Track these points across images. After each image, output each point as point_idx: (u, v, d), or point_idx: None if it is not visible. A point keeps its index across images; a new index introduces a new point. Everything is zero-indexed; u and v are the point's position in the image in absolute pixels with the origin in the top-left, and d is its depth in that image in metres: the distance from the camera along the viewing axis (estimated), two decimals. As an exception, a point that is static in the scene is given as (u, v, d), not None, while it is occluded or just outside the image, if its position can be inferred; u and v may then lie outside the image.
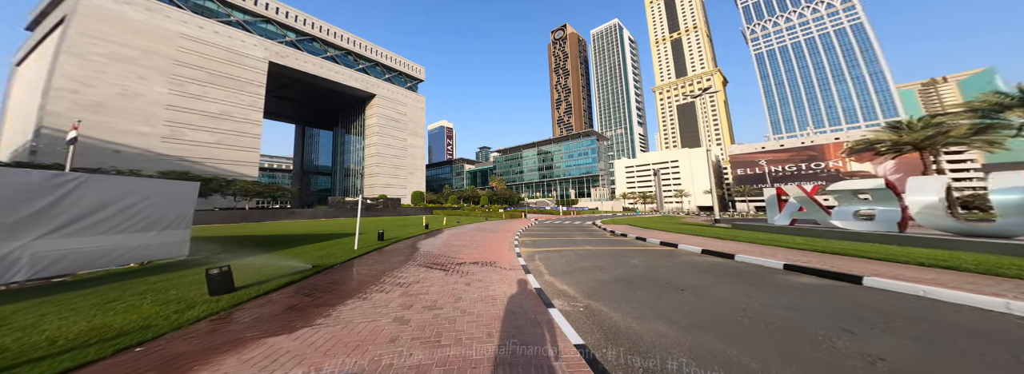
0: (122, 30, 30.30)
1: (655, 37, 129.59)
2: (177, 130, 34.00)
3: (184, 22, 34.69)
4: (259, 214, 18.29)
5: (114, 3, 29.80)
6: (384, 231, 10.88)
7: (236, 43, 39.26)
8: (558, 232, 12.70)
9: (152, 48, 32.31)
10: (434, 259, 6.09)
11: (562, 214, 37.86)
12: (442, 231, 12.93)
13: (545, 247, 8.05)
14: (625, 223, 16.96)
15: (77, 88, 28.00)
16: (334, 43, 51.19)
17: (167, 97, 33.32)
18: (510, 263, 5.67)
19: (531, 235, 11.33)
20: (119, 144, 29.93)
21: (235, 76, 39.13)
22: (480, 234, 11.60)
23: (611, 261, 5.87)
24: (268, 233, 11.90)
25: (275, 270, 4.67)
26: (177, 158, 33.29)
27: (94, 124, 28.81)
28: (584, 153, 78.60)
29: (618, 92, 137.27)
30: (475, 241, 9.30)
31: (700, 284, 4.05)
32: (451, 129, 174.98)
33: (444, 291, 3.73)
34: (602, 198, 74.04)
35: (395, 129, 59.61)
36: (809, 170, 60.79)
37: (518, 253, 6.85)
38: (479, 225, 17.26)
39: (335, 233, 11.15)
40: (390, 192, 54.88)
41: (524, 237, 10.64)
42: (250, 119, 40.31)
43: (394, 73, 61.63)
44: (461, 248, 7.72)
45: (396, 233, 11.38)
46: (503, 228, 14.77)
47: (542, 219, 25.26)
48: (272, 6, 43.46)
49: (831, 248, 5.88)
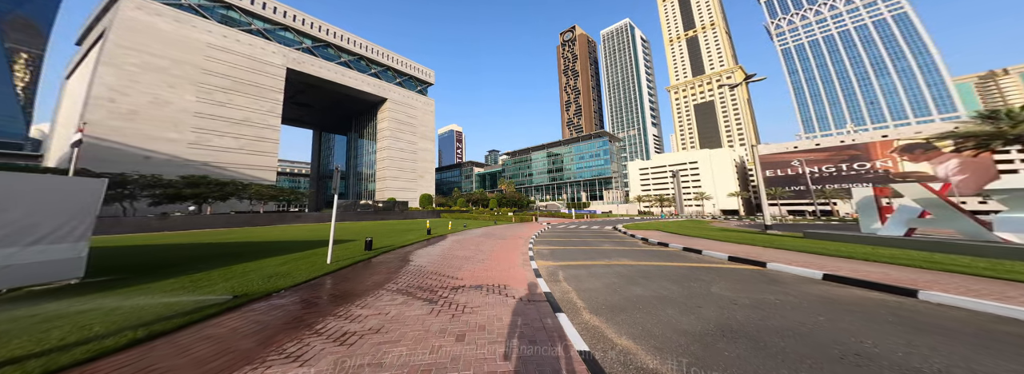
0: (154, 41, 32.05)
1: (669, 36, 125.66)
2: (203, 136, 35.49)
3: (209, 32, 36.38)
4: (267, 218, 18.40)
5: (147, 15, 31.59)
6: (376, 239, 9.77)
7: (257, 51, 40.82)
8: (577, 239, 11.08)
9: (181, 57, 34.00)
10: (423, 279, 4.57)
11: (574, 217, 36.37)
12: (445, 237, 11.56)
13: (568, 259, 6.48)
14: (653, 229, 14.97)
15: (114, 97, 29.71)
16: (347, 49, 52.47)
17: (194, 104, 34.90)
18: (526, 287, 4.08)
19: (547, 242, 9.80)
20: (150, 150, 31.47)
21: (256, 83, 40.62)
22: (487, 241, 10.08)
23: (677, 288, 4.06)
24: (248, 240, 10.93)
25: (160, 310, 2.99)
26: (201, 163, 34.67)
27: (128, 131, 30.45)
28: (596, 155, 76.53)
29: (630, 93, 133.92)
30: (481, 250, 7.82)
31: (917, 354, 2.11)
32: (460, 133, 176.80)
33: (415, 355, 2.15)
34: (615, 201, 71.55)
35: (406, 132, 60.25)
36: (852, 171, 54.83)
37: (535, 270, 5.27)
38: (487, 230, 15.71)
39: (324, 240, 10.02)
40: (400, 195, 55.23)
41: (539, 245, 9.09)
42: (269, 125, 41.66)
43: (405, 77, 62.51)
44: (463, 262, 6.17)
45: (392, 240, 10.07)
46: (513, 233, 13.29)
47: (554, 223, 23.74)
48: (289, 14, 45.07)
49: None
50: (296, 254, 6.78)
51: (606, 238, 11.52)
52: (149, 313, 2.93)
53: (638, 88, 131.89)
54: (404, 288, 4.09)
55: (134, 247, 8.75)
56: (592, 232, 14.65)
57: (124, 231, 13.88)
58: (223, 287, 3.94)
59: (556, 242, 10.12)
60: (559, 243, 9.83)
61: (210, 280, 4.34)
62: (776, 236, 10.19)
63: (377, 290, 3.99)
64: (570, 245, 9.31)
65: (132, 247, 8.76)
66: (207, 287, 3.95)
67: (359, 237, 10.63)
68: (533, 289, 4.03)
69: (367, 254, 6.79)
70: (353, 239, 10.16)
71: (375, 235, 11.63)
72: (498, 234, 13.07)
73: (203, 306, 3.15)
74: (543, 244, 9.53)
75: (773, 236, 10.20)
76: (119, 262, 6.08)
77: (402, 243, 9.10)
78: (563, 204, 73.37)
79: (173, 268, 5.23)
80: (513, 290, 3.97)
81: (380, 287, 4.14)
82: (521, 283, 4.35)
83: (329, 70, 49.08)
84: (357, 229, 15.65)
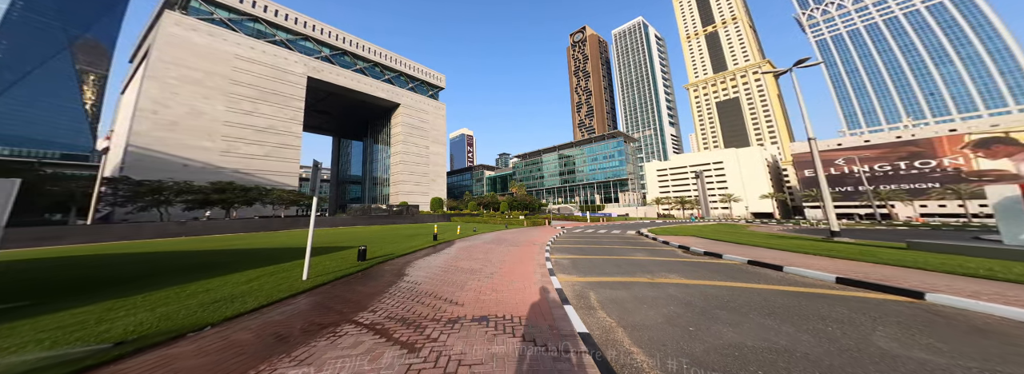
0: (190, 54, 34.46)
1: (686, 32, 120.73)
2: (232, 144, 37.61)
3: (238, 44, 38.71)
4: (282, 222, 18.79)
5: (184, 30, 34.04)
6: (378, 245, 8.91)
7: (280, 61, 42.97)
8: (600, 245, 9.63)
9: (213, 69, 36.33)
10: (412, 305, 3.51)
11: (590, 220, 34.73)
12: (452, 243, 10.52)
13: (598, 274, 5.25)
14: (687, 234, 12.99)
15: (157, 109, 32.12)
16: (362, 55, 54.23)
17: (225, 114, 37.11)
18: (550, 319, 2.92)
19: (566, 250, 8.54)
20: (188, 158, 33.69)
21: (280, 92, 42.70)
22: (498, 249, 8.94)
23: (801, 334, 2.63)
24: (245, 246, 10.42)
25: None
26: (232, 170, 36.67)
27: (169, 141, 32.77)
28: (610, 156, 74.06)
29: (645, 92, 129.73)
30: (490, 261, 6.68)
31: None
32: (471, 137, 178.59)
33: None
34: (632, 204, 68.63)
35: (418, 137, 61.20)
36: (913, 169, 48.28)
37: (558, 289, 4.10)
38: (498, 235, 14.54)
39: (324, 247, 9.35)
40: (413, 199, 55.92)
41: (558, 253, 7.86)
42: (291, 132, 43.58)
43: (417, 82, 63.71)
44: (467, 277, 5.06)
45: (395, 247, 9.14)
46: (526, 239, 12.12)
47: (569, 226, 22.16)
48: (309, 24, 47.24)
49: None
50: (276, 266, 5.95)
51: (635, 245, 9.94)
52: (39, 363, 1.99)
53: (653, 87, 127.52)
54: (380, 321, 2.99)
55: (108, 256, 8.35)
56: (615, 237, 13.13)
57: (146, 236, 13.81)
58: (135, 321, 2.93)
59: (577, 249, 8.81)
60: (581, 250, 8.53)
61: (135, 306, 3.40)
62: (856, 245, 8.21)
63: (341, 325, 2.89)
64: (595, 254, 7.95)
65: (106, 256, 8.37)
66: (114, 321, 2.94)
67: (360, 244, 9.75)
68: (560, 324, 2.82)
69: (358, 265, 5.85)
70: (351, 246, 9.37)
71: (378, 241, 10.93)
72: (510, 240, 11.92)
73: (94, 352, 2.15)
74: (562, 252, 8.28)
75: (852, 245, 8.22)
76: (62, 277, 5.26)
77: (403, 250, 8.21)
78: (576, 207, 71.42)
79: (116, 287, 4.42)
80: (533, 326, 2.77)
81: (348, 319, 3.06)
82: (543, 313, 3.15)
83: (346, 77, 50.85)
84: (362, 234, 15.02)
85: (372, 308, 3.44)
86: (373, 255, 7.20)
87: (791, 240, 10.14)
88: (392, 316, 3.16)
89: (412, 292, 4.09)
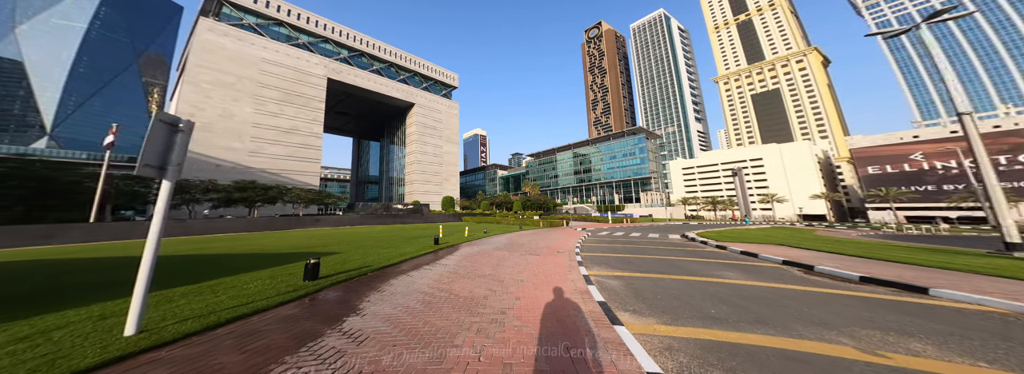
0: (222, 59, 36.59)
1: (714, 23, 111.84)
2: (259, 145, 39.51)
3: (264, 47, 40.66)
4: (285, 221, 18.49)
5: (216, 36, 36.21)
6: (364, 251, 7.46)
7: (302, 63, 44.68)
8: (647, 255, 6.98)
9: (243, 73, 38.37)
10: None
11: (611, 222, 31.97)
12: (456, 249, 8.62)
13: (696, 318, 2.78)
14: (765, 242, 9.43)
15: (193, 112, 34.37)
16: (379, 56, 55.27)
17: (252, 116, 39.08)
18: None
19: (606, 262, 6.13)
20: (220, 159, 35.77)
21: (302, 94, 44.40)
22: (512, 259, 6.87)
23: None
24: (209, 251, 9.22)
25: None
26: (259, 170, 38.48)
27: (204, 142, 34.92)
28: (630, 153, 69.62)
29: (667, 87, 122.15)
30: (500, 282, 4.63)
31: None
32: (485, 137, 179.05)
33: None
34: (655, 204, 63.78)
35: (432, 136, 61.38)
36: (1017, 165, 40.00)
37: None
38: (511, 238, 12.55)
39: (284, 254, 7.96)
40: (427, 199, 55.98)
41: (596, 267, 5.54)
42: (313, 132, 45.16)
43: (430, 82, 64.00)
44: (459, 319, 3.08)
45: (379, 254, 7.30)
46: (546, 243, 10.07)
47: (590, 228, 19.89)
48: (329, 26, 48.82)
49: None
50: (207, 283, 4.39)
51: (700, 256, 7.26)
52: None
53: (677, 82, 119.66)
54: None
55: (64, 261, 7.57)
56: (659, 243, 10.48)
57: (137, 236, 12.82)
58: None
59: (620, 261, 6.30)
60: (627, 263, 6.09)
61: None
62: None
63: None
64: (652, 269, 5.54)
65: (63, 261, 7.59)
66: None
67: (341, 248, 8.31)
68: None
69: (293, 290, 3.97)
70: (329, 252, 7.70)
71: (368, 245, 9.24)
72: (526, 244, 9.84)
73: None
74: (601, 265, 6.02)
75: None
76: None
77: (389, 259, 6.37)
78: (592, 207, 67.92)
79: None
80: None
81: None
82: None
83: (363, 78, 52.01)
84: (358, 236, 13.40)
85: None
86: (342, 268, 5.43)
87: (920, 251, 7.35)
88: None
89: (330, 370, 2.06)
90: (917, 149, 47.69)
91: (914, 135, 49.06)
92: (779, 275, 5.46)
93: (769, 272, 5.75)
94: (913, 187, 46.52)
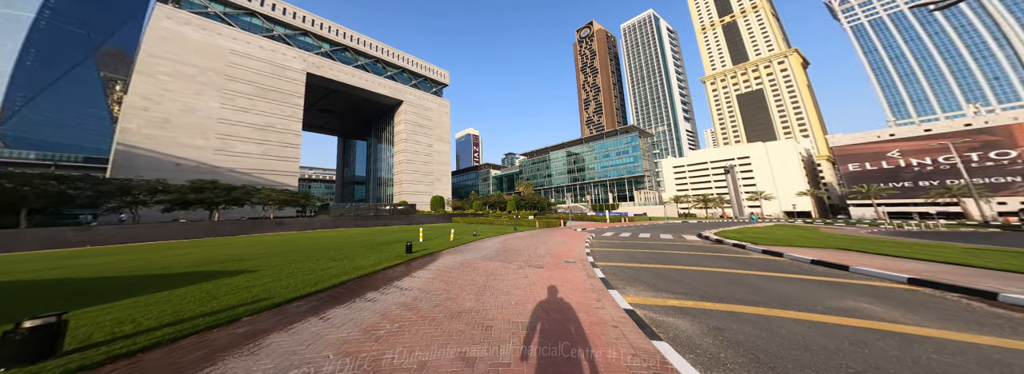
0: (182, 49, 33.25)
1: (701, 24, 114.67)
2: (227, 142, 36.22)
3: (234, 39, 37.41)
4: (237, 226, 16.33)
5: (176, 24, 32.88)
6: (311, 264, 6.01)
7: (278, 56, 41.55)
8: (687, 264, 6.01)
9: (207, 65, 35.06)
10: None
11: (609, 221, 30.95)
12: (434, 258, 6.94)
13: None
14: (815, 245, 8.93)
15: (147, 105, 30.93)
16: (364, 51, 52.52)
17: (219, 111, 35.78)
18: None
19: (647, 282, 4.94)
20: (180, 157, 32.38)
21: (278, 88, 41.26)
22: (506, 275, 5.42)
23: None
24: (63, 273, 7.01)
25: None
26: (227, 169, 35.23)
27: (161, 139, 31.50)
28: (623, 152, 69.52)
29: (657, 87, 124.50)
30: (487, 330, 3.24)
31: None
32: (477, 136, 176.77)
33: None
34: (649, 202, 63.79)
35: (421, 135, 59.05)
36: (987, 161, 42.17)
37: None
38: (504, 241, 11.15)
39: (197, 272, 6.11)
40: (416, 199, 53.60)
41: (633, 288, 4.33)
42: (291, 130, 42.04)
43: (420, 78, 61.66)
44: None
45: (304, 276, 5.51)
46: (548, 249, 8.74)
47: (590, 228, 18.87)
48: (308, 19, 45.79)
49: None
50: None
51: (762, 267, 6.05)
52: None
53: (666, 81, 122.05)
54: None
55: None
56: (682, 246, 9.24)
57: (27, 247, 10.24)
58: None
59: (666, 281, 5.03)
60: (683, 285, 4.77)
61: None
62: None
63: None
64: (736, 298, 4.13)
65: None
66: None
67: (271, 265, 6.54)
68: None
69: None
70: (249, 270, 5.74)
71: (309, 259, 7.23)
72: (524, 251, 8.40)
73: None
74: (641, 286, 4.57)
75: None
76: None
77: (310, 287, 4.50)
78: (587, 206, 67.24)
79: None
80: None
81: None
82: None
83: (347, 74, 49.18)
84: (309, 244, 11.00)
85: None
86: (199, 309, 3.53)
87: (952, 250, 6.34)
88: None
89: None
90: (893, 147, 49.51)
91: (891, 133, 50.95)
92: (941, 306, 3.63)
93: (910, 298, 3.91)
94: (891, 183, 48.14)
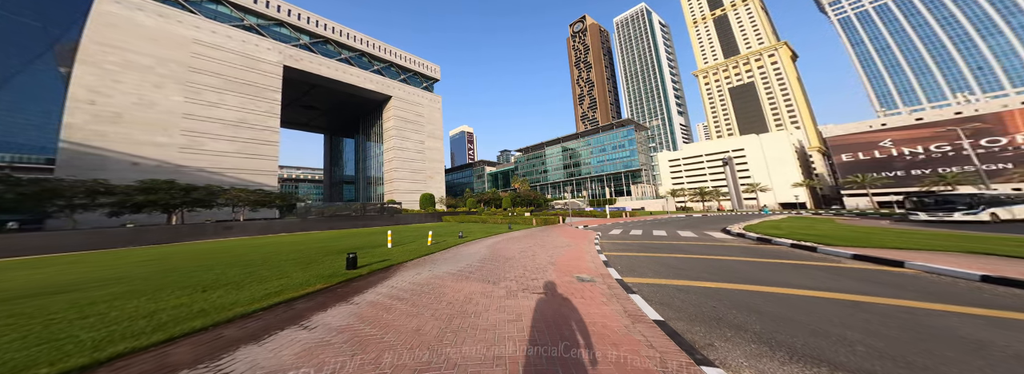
0: (135, 37, 29.90)
1: (693, 17, 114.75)
2: (195, 139, 33.05)
3: (197, 27, 34.09)
4: (172, 232, 14.15)
5: (126, 10, 29.51)
6: (178, 296, 4.51)
7: (250, 48, 38.30)
8: (767, 284, 4.71)
9: (166, 55, 31.75)
10: None
11: (609, 216, 29.45)
12: (386, 276, 5.31)
13: None
14: (878, 245, 7.55)
15: (94, 99, 27.60)
16: (348, 45, 49.44)
17: (183, 105, 32.55)
18: None
19: (763, 340, 3.32)
20: (138, 156, 29.16)
21: (251, 82, 38.07)
22: (486, 313, 4.11)
23: None
24: None
25: None
26: (196, 169, 32.12)
27: (113, 136, 28.23)
28: (620, 146, 68.40)
29: (650, 81, 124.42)
30: None
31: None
32: (471, 134, 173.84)
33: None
34: (646, 196, 62.92)
35: (412, 131, 56.40)
36: (979, 149, 42.59)
37: None
38: (494, 245, 9.33)
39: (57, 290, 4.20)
40: (408, 198, 51.14)
41: (756, 360, 2.31)
42: (268, 126, 38.95)
43: (409, 73, 58.85)
44: None
45: (131, 317, 3.98)
46: (548, 257, 7.35)
47: (592, 225, 17.34)
48: (284, 8, 42.49)
49: None
50: None
51: (867, 279, 4.59)
52: None
53: (659, 75, 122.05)
54: None
55: None
56: (720, 248, 7.73)
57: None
58: None
59: (790, 337, 3.58)
60: (838, 348, 3.24)
61: None
62: None
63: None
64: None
65: None
66: None
67: (85, 301, 4.96)
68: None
69: None
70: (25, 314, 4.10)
71: (192, 282, 5.22)
72: (516, 259, 6.68)
73: None
74: (757, 343, 2.62)
75: None
76: None
77: (63, 362, 2.57)
78: (584, 201, 65.98)
79: None
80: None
81: None
82: None
83: (329, 67, 46.08)
84: (222, 255, 8.12)
85: None
86: None
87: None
88: None
89: None
90: (885, 136, 49.79)
91: (882, 123, 51.25)
92: None
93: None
94: (884, 173, 48.40)
